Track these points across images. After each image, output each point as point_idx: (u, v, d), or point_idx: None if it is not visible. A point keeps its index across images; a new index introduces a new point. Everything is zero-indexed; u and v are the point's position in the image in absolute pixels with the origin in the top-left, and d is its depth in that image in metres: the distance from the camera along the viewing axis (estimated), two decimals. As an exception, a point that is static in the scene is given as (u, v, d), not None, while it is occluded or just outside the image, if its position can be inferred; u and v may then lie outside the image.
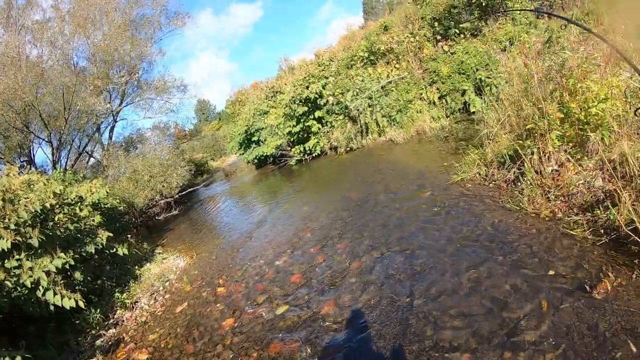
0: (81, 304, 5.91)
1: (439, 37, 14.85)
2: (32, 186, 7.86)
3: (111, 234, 8.30)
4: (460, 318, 3.60)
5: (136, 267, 9.25)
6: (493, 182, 6.22)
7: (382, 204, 7.50)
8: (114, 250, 8.46)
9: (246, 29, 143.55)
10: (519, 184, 5.54)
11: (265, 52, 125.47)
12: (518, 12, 13.16)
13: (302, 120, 15.61)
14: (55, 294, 5.85)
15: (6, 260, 5.86)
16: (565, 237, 4.17)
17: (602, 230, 3.98)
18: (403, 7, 17.16)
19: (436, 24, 14.89)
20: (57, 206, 8.20)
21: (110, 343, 6.20)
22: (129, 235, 11.39)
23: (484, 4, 14.11)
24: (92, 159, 20.17)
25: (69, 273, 7.27)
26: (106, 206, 11.45)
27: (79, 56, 18.43)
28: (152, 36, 21.03)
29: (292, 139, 16.45)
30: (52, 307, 5.88)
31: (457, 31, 14.42)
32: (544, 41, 7.16)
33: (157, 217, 15.86)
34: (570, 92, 5.01)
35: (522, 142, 5.60)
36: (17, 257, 5.96)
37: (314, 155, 16.30)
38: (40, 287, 5.81)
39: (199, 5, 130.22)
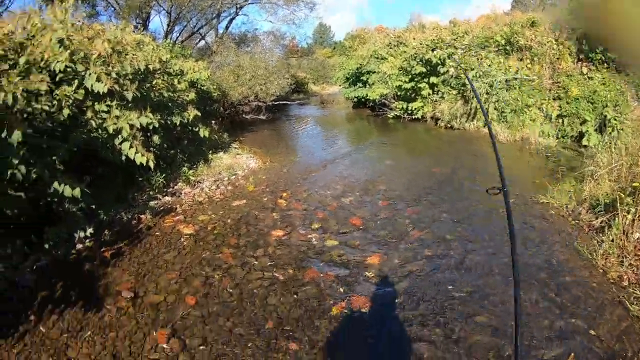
0: (151, 163, 6.03)
1: (581, 56, 13.27)
2: (141, 46, 8.04)
3: (199, 114, 8.42)
4: (480, 326, 3.39)
5: (210, 152, 9.47)
6: (577, 221, 5.66)
7: (463, 190, 7.12)
8: (197, 129, 8.63)
9: None
10: (601, 235, 4.97)
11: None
12: None
13: (416, 79, 14.81)
14: (131, 146, 6.00)
15: (97, 103, 6.04)
16: (621, 306, 3.70)
17: None
18: (558, 9, 15.38)
19: (585, 41, 13.23)
20: (160, 72, 8.38)
21: (162, 208, 6.44)
22: (213, 122, 11.64)
23: None
24: (202, 42, 20.62)
25: (149, 134, 7.49)
26: (202, 88, 11.69)
27: None
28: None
29: (399, 94, 15.75)
30: (123, 158, 6.06)
31: (603, 58, 12.78)
32: None
33: (244, 116, 16.07)
34: None
35: (623, 195, 4.99)
36: (108, 103, 6.13)
37: (413, 117, 15.58)
38: (120, 137, 5.98)
39: None
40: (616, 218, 4.79)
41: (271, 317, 3.56)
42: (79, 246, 5.20)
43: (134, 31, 9.51)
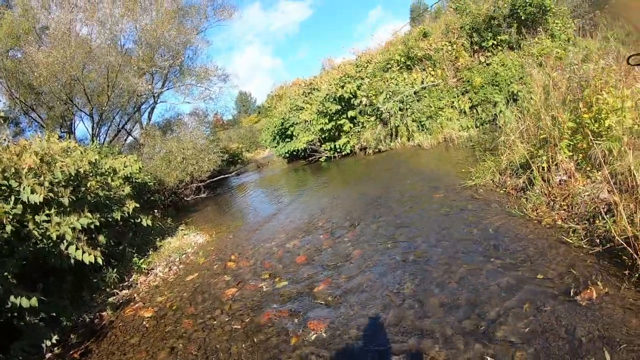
0: (100, 260, 6.28)
1: (476, 48, 14.82)
2: (69, 153, 8.36)
3: (138, 205, 8.71)
4: (443, 308, 3.74)
5: (158, 239, 9.67)
6: (504, 189, 6.32)
7: (396, 202, 7.70)
8: (139, 220, 8.88)
9: (293, 26, 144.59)
10: (528, 191, 5.60)
11: (310, 51, 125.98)
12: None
13: (334, 118, 15.81)
14: (77, 248, 6.24)
15: (36, 215, 6.31)
16: (561, 244, 4.22)
17: (598, 240, 4.03)
18: (444, 16, 17.12)
19: (474, 34, 14.80)
20: (91, 174, 8.68)
21: (121, 301, 6.60)
22: (155, 211, 11.86)
23: (522, 17, 13.99)
24: (130, 138, 20.95)
25: (93, 235, 7.70)
26: (137, 180, 11.96)
27: (126, 38, 19.13)
28: (198, 25, 21.55)
29: (323, 136, 16.66)
30: (72, 261, 6.27)
31: (495, 43, 14.31)
32: (580, 59, 7.15)
33: (185, 199, 16.32)
34: (586, 104, 5.01)
35: (535, 150, 5.68)
36: (47, 212, 6.40)
37: (343, 153, 16.48)
38: (65, 241, 6.23)
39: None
40: (534, 171, 5.44)
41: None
42: (48, 355, 5.33)
43: (60, 139, 9.83)
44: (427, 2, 41.33)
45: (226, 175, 21.15)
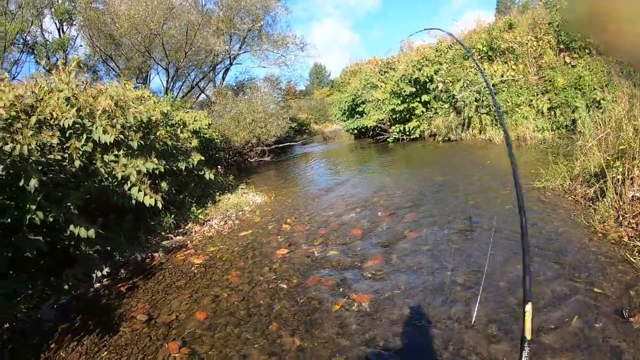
0: (159, 204, 6.42)
1: (562, 47, 13.67)
2: (143, 101, 8.55)
3: (203, 158, 8.84)
4: (489, 303, 3.52)
5: (217, 193, 9.84)
6: (573, 196, 5.90)
7: (460, 191, 7.34)
8: (202, 172, 9.04)
9: (375, 2, 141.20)
10: (597, 202, 5.17)
11: (391, 30, 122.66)
12: None
13: (407, 100, 15.32)
14: (140, 190, 6.40)
15: (105, 154, 6.49)
16: (624, 262, 3.86)
17: None
18: (532, 9, 15.95)
19: (562, 32, 13.66)
20: (162, 123, 8.88)
21: (174, 246, 6.75)
22: (219, 167, 12.07)
23: None
24: (202, 95, 21.54)
25: (156, 181, 7.88)
26: (205, 136, 12.20)
27: None
28: (279, -9, 21.56)
29: (394, 117, 16.23)
30: (133, 202, 6.43)
31: (583, 45, 13.16)
32: None
33: (249, 160, 16.57)
34: None
35: (611, 161, 5.21)
36: (116, 153, 6.57)
37: (412, 137, 15.99)
38: (129, 182, 6.38)
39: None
40: (607, 182, 5.00)
41: (276, 320, 3.77)
42: (97, 285, 5.54)
43: (135, 89, 10.12)
44: None
45: (292, 143, 21.29)
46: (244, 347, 3.43)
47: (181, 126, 9.95)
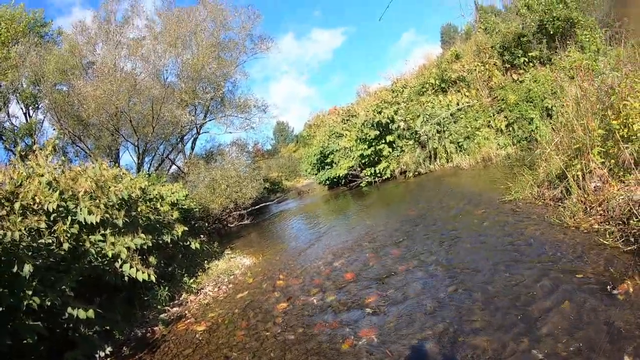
0: (153, 277, 6.54)
1: (508, 66, 14.91)
2: (120, 180, 8.72)
3: (186, 228, 8.98)
4: (487, 311, 3.84)
5: (205, 262, 9.91)
6: (542, 201, 6.45)
7: (438, 219, 7.86)
8: (188, 243, 9.16)
9: (327, 54, 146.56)
10: (565, 200, 5.71)
11: (345, 78, 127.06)
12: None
13: (373, 143, 15.99)
14: (131, 267, 6.50)
15: (92, 234, 6.62)
16: (598, 245, 4.37)
17: (633, 239, 4.17)
18: (474, 37, 17.20)
19: (505, 52, 14.88)
20: (141, 199, 9.03)
21: (172, 318, 6.81)
22: (202, 236, 12.13)
23: (551, 32, 13.97)
24: (173, 167, 21.71)
25: (144, 256, 7.96)
26: (183, 207, 12.32)
27: (169, 72, 20.23)
28: (237, 58, 22.41)
29: (363, 162, 16.80)
30: (126, 279, 6.53)
31: (526, 60, 14.36)
32: (610, 68, 7.24)
33: (229, 226, 16.64)
34: (614, 110, 5.15)
35: (569, 161, 5.79)
36: (102, 232, 6.70)
37: (383, 178, 16.53)
38: (119, 260, 6.50)
39: (281, 29, 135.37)
40: (569, 181, 5.57)
41: None
42: None
43: (108, 167, 10.25)
44: (456, 25, 42.06)
45: (268, 203, 21.49)
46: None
47: (159, 200, 10.09)
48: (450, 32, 40.36)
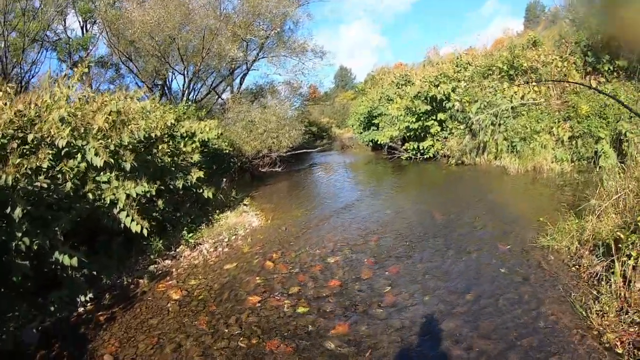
0: (145, 232, 6.50)
1: (589, 69, 12.91)
2: (148, 114, 8.60)
3: (202, 175, 8.89)
4: None
5: (217, 211, 9.90)
6: (577, 267, 5.20)
7: (458, 238, 7.13)
8: (201, 191, 9.09)
9: (405, 6, 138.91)
10: (602, 283, 4.46)
11: (419, 34, 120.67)
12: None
13: (422, 118, 14.98)
14: (127, 215, 6.49)
15: (97, 175, 6.64)
16: None
17: None
18: (559, 25, 15.28)
19: (590, 53, 12.82)
20: (167, 135, 8.96)
21: (160, 272, 6.89)
22: (224, 179, 12.13)
23: None
24: (220, 99, 21.58)
25: (153, 199, 7.99)
26: (214, 146, 12.28)
27: (226, 3, 19.78)
28: (300, -3, 21.34)
29: (408, 134, 15.94)
30: (122, 226, 6.55)
31: (611, 68, 12.34)
32: None
33: (261, 169, 16.61)
34: None
35: (625, 235, 4.48)
36: (109, 175, 6.70)
37: (425, 156, 15.73)
38: (117, 207, 6.49)
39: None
40: (615, 263, 4.33)
41: None
42: (81, 309, 5.77)
43: (147, 96, 10.15)
44: (544, 3, 36.64)
45: (309, 150, 21.20)
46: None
47: (186, 138, 10.01)
48: (535, 11, 36.96)
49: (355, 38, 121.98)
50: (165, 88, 19.44)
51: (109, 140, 6.78)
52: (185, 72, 17.70)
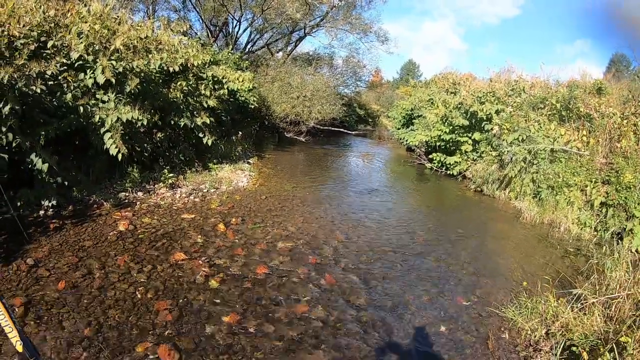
0: (120, 156, 6.92)
1: None
2: (179, 48, 8.88)
3: (208, 121, 9.15)
4: None
5: (215, 161, 10.22)
6: None
7: (417, 273, 6.09)
8: (202, 135, 9.39)
9: (494, 19, 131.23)
10: None
11: (499, 51, 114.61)
12: None
13: (457, 131, 14.33)
14: (111, 137, 6.88)
15: (100, 92, 7.04)
16: None
17: None
18: (628, 81, 13.97)
19: None
20: (191, 74, 9.24)
21: (125, 201, 7.35)
22: (240, 133, 12.36)
23: None
24: (271, 56, 21.59)
25: (154, 130, 8.36)
26: (242, 98, 12.51)
27: None
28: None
29: (438, 144, 15.36)
30: (104, 147, 6.98)
31: None
32: None
33: (286, 134, 16.75)
34: None
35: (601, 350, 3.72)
36: (109, 94, 7.09)
37: (448, 172, 15.08)
38: (105, 127, 6.89)
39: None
40: None
41: (108, 320, 4.11)
42: (42, 212, 6.37)
43: (196, 33, 10.25)
44: (630, 58, 33.36)
45: (343, 130, 21.13)
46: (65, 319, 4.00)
47: (211, 82, 10.23)
48: (619, 64, 34.36)
49: (434, 34, 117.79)
50: (222, 32, 19.53)
51: (121, 63, 7.12)
52: (240, 20, 17.69)
